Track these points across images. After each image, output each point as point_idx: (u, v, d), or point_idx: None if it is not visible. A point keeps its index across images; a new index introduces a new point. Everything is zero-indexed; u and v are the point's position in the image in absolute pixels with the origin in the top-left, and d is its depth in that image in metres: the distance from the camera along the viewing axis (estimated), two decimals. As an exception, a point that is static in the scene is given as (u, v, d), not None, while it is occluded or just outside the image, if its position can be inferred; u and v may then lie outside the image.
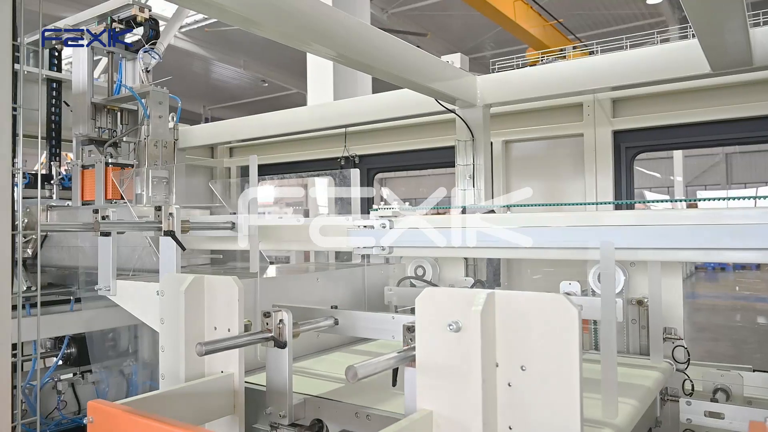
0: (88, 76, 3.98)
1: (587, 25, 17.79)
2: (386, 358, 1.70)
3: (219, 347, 1.95)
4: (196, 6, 2.82)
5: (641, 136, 4.80)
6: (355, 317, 2.35)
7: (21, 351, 4.53)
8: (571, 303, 1.52)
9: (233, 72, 21.77)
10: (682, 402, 2.64)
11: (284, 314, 2.08)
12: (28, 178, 4.60)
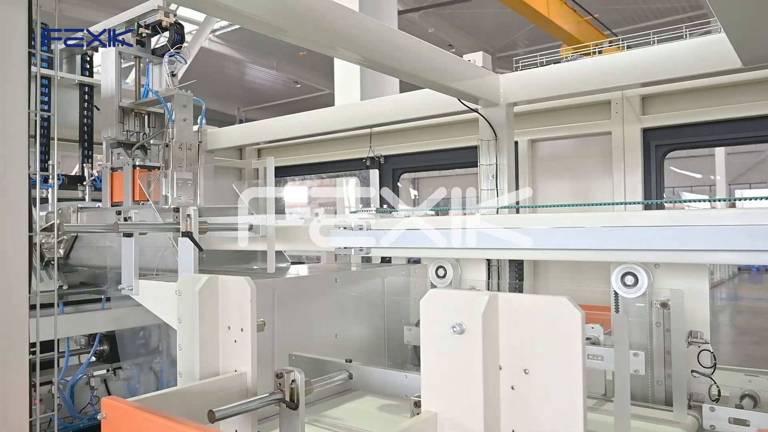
0: (116, 80, 4.07)
1: (624, 20, 17.42)
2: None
3: (231, 413, 1.98)
4: (224, 14, 2.88)
5: (672, 134, 4.68)
6: (369, 373, 2.35)
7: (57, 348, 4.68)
8: (574, 306, 1.49)
9: (266, 74, 22.07)
10: (706, 408, 2.56)
11: (296, 375, 2.02)
12: (62, 180, 4.76)
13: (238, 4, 2.73)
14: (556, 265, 5.10)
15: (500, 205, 4.15)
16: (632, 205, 4.58)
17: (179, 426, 1.72)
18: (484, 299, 1.58)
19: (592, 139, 5.00)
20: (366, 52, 3.47)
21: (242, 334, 2.25)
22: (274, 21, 2.89)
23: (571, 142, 5.15)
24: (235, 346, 2.28)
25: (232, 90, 23.19)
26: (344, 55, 3.60)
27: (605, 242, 2.95)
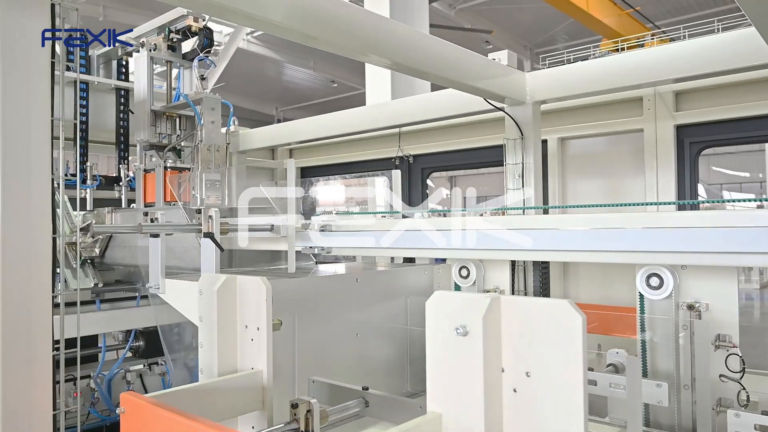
0: (148, 84, 4.20)
1: (668, 12, 16.91)
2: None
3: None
4: (255, 24, 2.96)
5: (706, 131, 4.55)
6: (385, 401, 2.34)
7: (104, 343, 4.87)
8: (575, 310, 1.48)
9: (304, 74, 22.27)
10: (730, 414, 2.50)
11: (312, 405, 2.05)
12: (99, 180, 4.93)
13: (270, 14, 2.83)
14: (586, 267, 5.02)
15: (526, 205, 4.11)
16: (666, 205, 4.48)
17: (191, 422, 1.77)
18: (485, 301, 1.59)
19: (623, 136, 4.89)
20: (394, 56, 3.54)
21: (258, 333, 2.31)
22: (305, 29, 3.00)
23: (602, 139, 5.05)
24: (251, 344, 2.34)
25: (270, 90, 23.49)
26: (373, 60, 3.71)
27: (627, 244, 2.89)
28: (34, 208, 1.83)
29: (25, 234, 1.81)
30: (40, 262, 1.84)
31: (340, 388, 2.58)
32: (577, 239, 3.02)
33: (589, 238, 3.00)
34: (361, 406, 2.42)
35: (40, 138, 1.83)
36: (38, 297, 1.83)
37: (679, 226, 2.77)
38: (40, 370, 1.84)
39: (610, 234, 2.94)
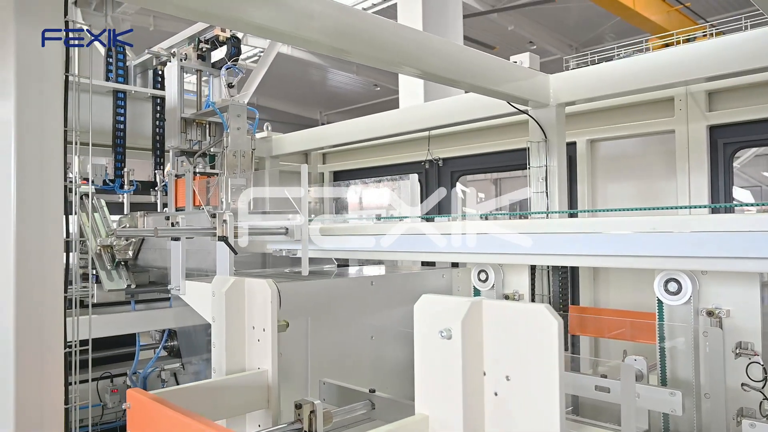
0: (178, 93, 4.36)
1: (721, 7, 16.31)
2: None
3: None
4: (291, 41, 3.10)
5: (741, 131, 4.39)
6: (391, 404, 2.35)
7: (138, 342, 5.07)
8: (552, 315, 1.48)
9: (347, 78, 22.47)
10: (745, 424, 2.41)
11: (316, 405, 2.08)
12: (135, 185, 5.13)
13: (304, 32, 3.02)
14: (616, 272, 4.92)
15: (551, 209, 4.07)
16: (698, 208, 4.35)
17: (190, 420, 1.84)
18: (465, 306, 1.60)
19: (654, 138, 4.78)
20: (421, 65, 3.68)
21: (264, 334, 2.37)
22: (338, 45, 3.23)
23: (632, 141, 4.94)
24: (258, 345, 2.40)
25: (314, 94, 23.80)
26: (403, 70, 3.99)
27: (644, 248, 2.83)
28: (46, 213, 1.95)
29: (38, 237, 1.94)
30: (52, 263, 1.96)
31: (349, 390, 2.63)
32: (601, 243, 2.95)
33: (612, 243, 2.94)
34: (368, 408, 2.45)
35: (52, 147, 1.94)
36: (50, 296, 1.95)
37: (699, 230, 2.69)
38: (52, 366, 1.95)
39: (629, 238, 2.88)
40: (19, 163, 1.95)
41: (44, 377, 1.95)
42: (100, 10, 8.65)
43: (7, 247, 2.02)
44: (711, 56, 3.74)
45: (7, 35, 1.98)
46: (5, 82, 1.97)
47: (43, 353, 1.94)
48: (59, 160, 1.96)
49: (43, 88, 1.99)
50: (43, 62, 2.02)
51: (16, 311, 1.92)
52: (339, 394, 2.65)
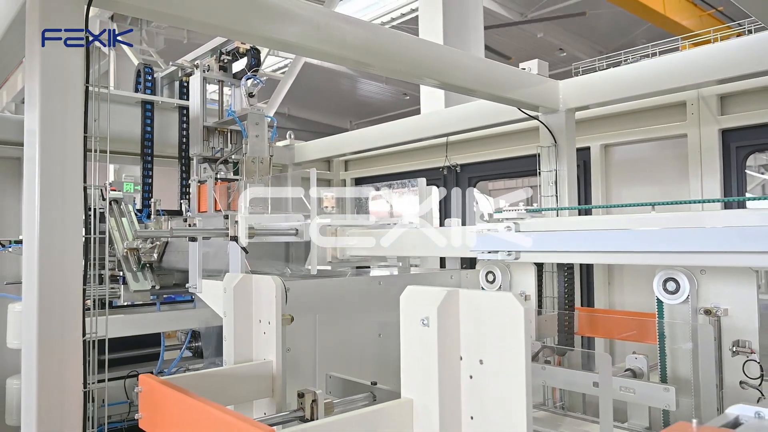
0: (201, 103, 4.58)
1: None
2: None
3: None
4: (317, 56, 3.34)
5: (753, 134, 4.39)
6: (391, 396, 2.33)
7: (162, 342, 5.29)
8: (518, 301, 1.59)
9: (376, 87, 22.68)
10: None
11: (317, 395, 2.19)
12: (162, 215, 5.34)
13: (328, 48, 3.31)
14: (630, 273, 4.94)
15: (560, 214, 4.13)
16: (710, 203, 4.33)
17: (197, 402, 1.99)
18: (441, 295, 1.72)
19: (667, 142, 4.80)
20: (435, 76, 3.89)
21: (270, 327, 2.52)
22: (360, 58, 3.53)
23: (646, 146, 4.97)
24: (264, 337, 2.55)
25: (344, 104, 24.07)
26: (422, 81, 4.41)
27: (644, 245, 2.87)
28: (68, 212, 2.14)
29: (60, 234, 2.13)
30: (73, 258, 2.14)
31: (353, 383, 2.75)
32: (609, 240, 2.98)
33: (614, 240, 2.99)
34: (369, 400, 2.56)
35: (73, 151, 2.14)
36: (70, 287, 2.13)
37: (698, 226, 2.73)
38: (72, 351, 2.14)
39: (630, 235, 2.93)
40: (42, 169, 2.15)
41: (64, 362, 2.13)
42: (135, 25, 9.04)
43: (33, 245, 2.22)
44: (720, 59, 3.78)
45: (34, 48, 2.19)
46: (32, 93, 2.18)
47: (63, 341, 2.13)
48: (79, 166, 2.15)
49: (66, 99, 2.19)
50: (67, 74, 2.22)
51: (39, 300, 2.11)
52: (344, 387, 2.77)
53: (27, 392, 2.14)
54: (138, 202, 5.28)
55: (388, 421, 1.79)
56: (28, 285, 2.22)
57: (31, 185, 2.23)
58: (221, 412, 1.76)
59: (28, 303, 2.17)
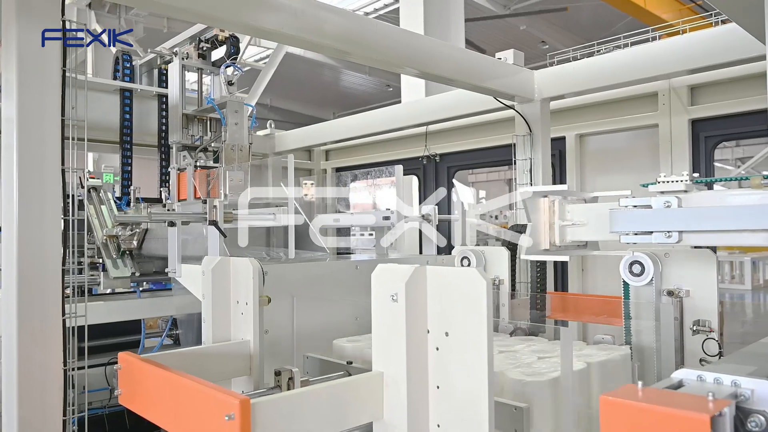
0: (180, 90, 4.60)
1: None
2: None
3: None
4: (299, 44, 3.39)
5: (722, 124, 4.53)
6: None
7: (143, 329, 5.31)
8: (481, 276, 1.67)
9: (359, 78, 22.64)
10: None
11: (293, 373, 2.25)
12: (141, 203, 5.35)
13: (310, 37, 3.36)
14: (603, 260, 5.07)
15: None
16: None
17: (174, 375, 2.05)
18: (409, 271, 1.80)
19: (640, 132, 4.93)
20: (412, 65, 3.97)
21: (247, 307, 2.58)
22: (340, 46, 3.59)
23: (619, 135, 5.09)
24: (242, 317, 2.62)
25: (327, 95, 23.99)
26: (400, 70, 4.41)
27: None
28: (47, 196, 2.18)
29: (38, 218, 2.17)
30: (51, 239, 2.18)
31: (329, 362, 2.82)
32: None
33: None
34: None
35: (51, 135, 2.17)
36: (50, 268, 2.18)
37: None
38: (52, 331, 2.18)
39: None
40: (21, 154, 2.19)
41: (45, 342, 2.18)
42: (114, 12, 8.97)
43: (12, 230, 2.26)
44: (690, 50, 3.89)
45: (10, 37, 2.22)
46: (9, 82, 2.21)
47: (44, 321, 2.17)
48: (57, 151, 2.19)
49: (44, 86, 2.22)
50: (44, 61, 2.25)
51: (18, 283, 2.15)
52: (321, 366, 2.84)
53: (7, 375, 2.18)
54: (117, 190, 5.29)
55: (360, 392, 1.86)
56: (7, 268, 2.26)
57: (9, 171, 2.26)
58: (198, 383, 1.83)
59: (7, 285, 2.21)
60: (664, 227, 2.30)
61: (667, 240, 2.35)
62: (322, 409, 1.76)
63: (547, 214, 2.63)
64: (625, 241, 2.43)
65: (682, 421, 1.12)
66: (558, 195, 2.70)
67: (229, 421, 1.58)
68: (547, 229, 2.61)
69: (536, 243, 2.58)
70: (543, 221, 2.60)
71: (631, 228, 2.38)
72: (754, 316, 14.59)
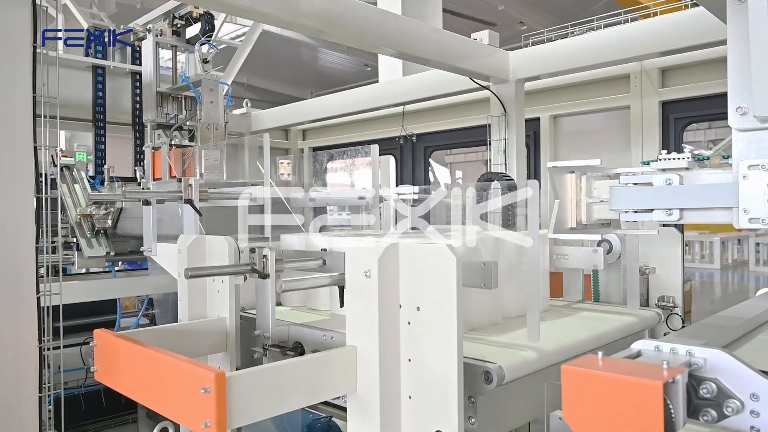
0: (154, 68, 4.55)
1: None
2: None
3: (204, 273, 2.31)
4: (275, 22, 3.37)
5: (691, 106, 4.63)
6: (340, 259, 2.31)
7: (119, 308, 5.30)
8: (451, 252, 1.72)
9: (337, 58, 22.44)
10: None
11: (267, 251, 2.20)
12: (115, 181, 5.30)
13: (286, 15, 3.32)
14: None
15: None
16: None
17: (149, 350, 2.06)
18: (382, 248, 1.84)
19: (612, 113, 5.01)
20: (388, 45, 3.96)
21: (223, 285, 2.60)
22: (317, 26, 3.58)
23: (593, 117, 5.17)
24: (218, 295, 2.64)
25: (305, 74, 23.73)
26: (376, 50, 4.35)
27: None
28: (19, 171, 2.17)
29: (10, 193, 2.15)
30: (24, 215, 2.18)
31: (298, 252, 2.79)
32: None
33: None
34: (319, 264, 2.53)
35: (22, 113, 2.15)
36: (23, 246, 2.17)
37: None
38: (26, 310, 2.18)
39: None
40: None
41: (19, 321, 2.18)
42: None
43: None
44: (661, 32, 3.95)
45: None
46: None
47: (17, 295, 2.17)
48: (29, 127, 2.17)
49: (13, 60, 2.19)
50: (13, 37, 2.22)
51: (-9, 259, 2.15)
52: (296, 255, 2.80)
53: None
54: (91, 169, 5.23)
55: (334, 365, 1.91)
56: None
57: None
58: (173, 358, 1.85)
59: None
60: (665, 205, 2.24)
61: (668, 218, 2.25)
62: (298, 382, 1.80)
63: (574, 191, 2.52)
64: (624, 219, 2.25)
65: (637, 387, 1.18)
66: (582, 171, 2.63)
67: (204, 394, 1.61)
68: (573, 207, 2.50)
69: (562, 221, 2.47)
70: (569, 198, 2.49)
71: (632, 206, 2.17)
72: (722, 294, 15.04)
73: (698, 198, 2.09)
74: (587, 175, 2.59)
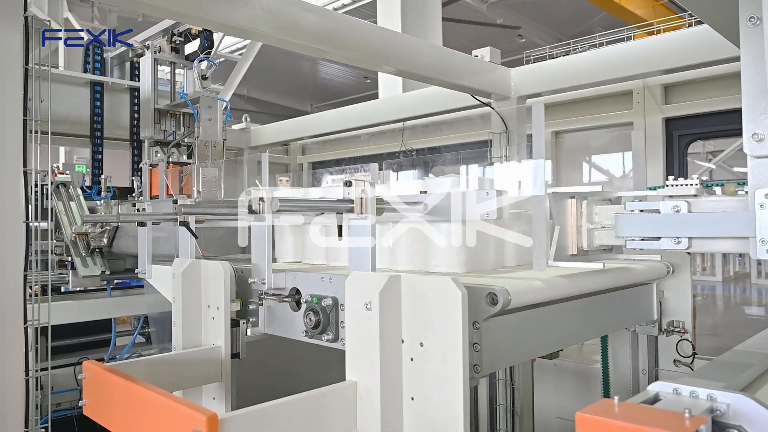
0: (152, 85, 4.49)
1: (704, 1, 16.41)
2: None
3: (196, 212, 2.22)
4: (271, 41, 3.39)
5: (695, 123, 4.56)
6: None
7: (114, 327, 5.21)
8: (456, 286, 1.64)
9: (337, 70, 22.49)
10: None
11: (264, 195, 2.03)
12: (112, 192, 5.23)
13: (282, 33, 3.30)
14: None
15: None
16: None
17: (140, 388, 1.97)
18: (384, 279, 1.76)
19: (614, 130, 4.95)
20: (390, 63, 3.93)
21: (218, 312, 2.52)
22: (316, 45, 3.54)
23: (595, 133, 5.11)
24: (213, 322, 2.56)
25: (305, 87, 23.78)
26: (378, 68, 4.36)
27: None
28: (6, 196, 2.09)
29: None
30: (13, 244, 2.10)
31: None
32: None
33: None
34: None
35: (11, 133, 2.08)
36: (10, 276, 2.09)
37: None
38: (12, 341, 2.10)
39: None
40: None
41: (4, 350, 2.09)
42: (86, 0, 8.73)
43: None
44: (664, 50, 3.90)
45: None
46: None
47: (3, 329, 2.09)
48: (19, 150, 2.10)
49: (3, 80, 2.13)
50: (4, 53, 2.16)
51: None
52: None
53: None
54: (88, 180, 5.15)
55: (333, 402, 1.82)
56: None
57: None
58: (164, 397, 1.77)
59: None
60: (674, 233, 2.12)
61: (677, 246, 2.16)
62: (295, 422, 1.71)
63: (575, 217, 2.42)
64: (631, 246, 2.24)
65: (658, 441, 1.11)
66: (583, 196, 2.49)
67: (196, 438, 1.53)
68: (574, 233, 2.41)
69: (563, 248, 2.36)
70: (570, 224, 2.40)
71: (639, 233, 2.19)
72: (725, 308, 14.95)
73: (711, 227, 2.04)
74: (588, 200, 2.47)
